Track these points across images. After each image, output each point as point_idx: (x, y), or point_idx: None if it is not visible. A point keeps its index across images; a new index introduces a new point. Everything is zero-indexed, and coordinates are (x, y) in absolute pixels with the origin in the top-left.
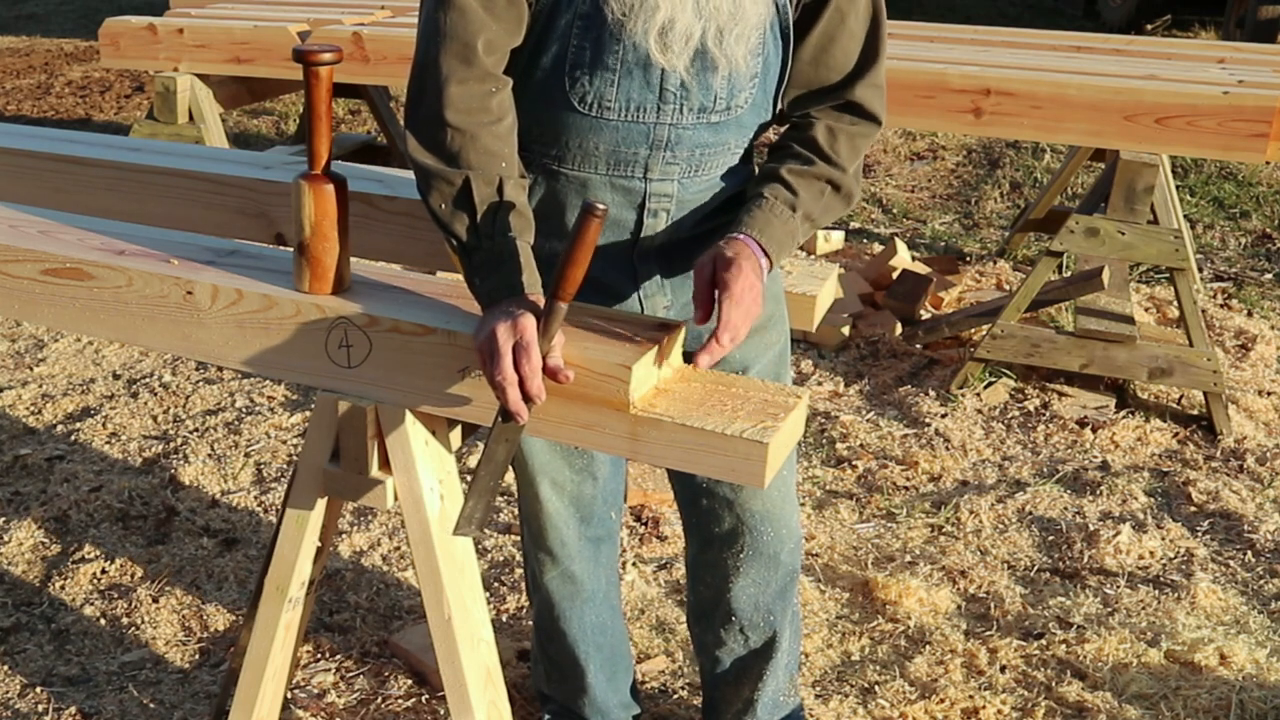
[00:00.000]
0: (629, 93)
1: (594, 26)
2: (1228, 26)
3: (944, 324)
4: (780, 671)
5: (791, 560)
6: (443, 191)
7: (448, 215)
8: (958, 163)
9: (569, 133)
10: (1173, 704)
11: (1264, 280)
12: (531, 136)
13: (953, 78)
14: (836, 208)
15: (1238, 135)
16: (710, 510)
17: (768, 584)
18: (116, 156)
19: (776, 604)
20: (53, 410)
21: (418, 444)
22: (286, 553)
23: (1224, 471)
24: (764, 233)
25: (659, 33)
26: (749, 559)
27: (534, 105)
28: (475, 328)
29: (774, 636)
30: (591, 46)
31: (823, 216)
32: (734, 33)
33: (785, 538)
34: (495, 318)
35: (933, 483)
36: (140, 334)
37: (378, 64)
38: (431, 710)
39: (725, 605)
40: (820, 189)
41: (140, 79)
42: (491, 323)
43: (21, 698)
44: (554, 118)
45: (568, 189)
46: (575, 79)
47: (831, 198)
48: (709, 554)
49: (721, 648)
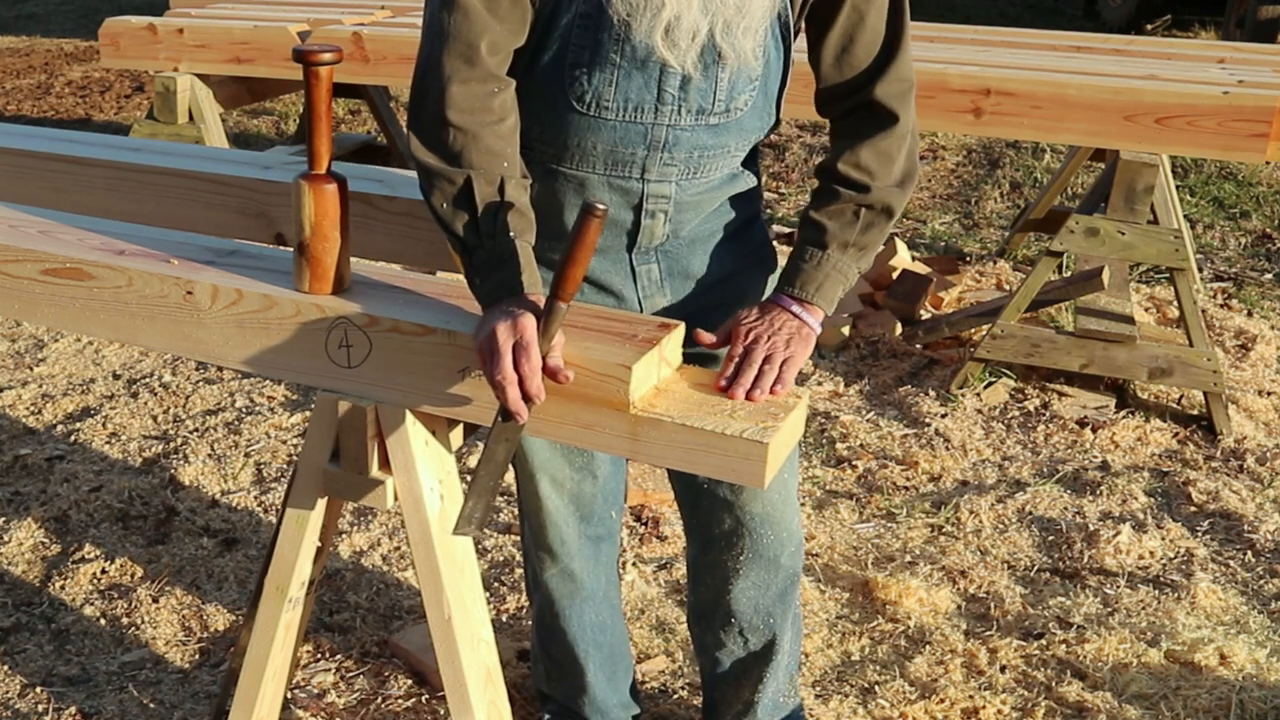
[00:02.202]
0: (627, 93)
1: (595, 26)
2: (1228, 26)
3: (944, 324)
4: (780, 673)
5: (792, 563)
6: (444, 190)
7: (449, 214)
8: (958, 163)
9: (567, 132)
10: (1173, 704)
11: (1264, 280)
12: (532, 135)
13: (953, 78)
14: (879, 222)
15: (1238, 135)
16: (710, 511)
17: (768, 587)
18: (116, 156)
19: (776, 607)
20: (53, 410)
21: (418, 444)
22: (286, 553)
23: (1224, 471)
24: (792, 281)
25: (665, 30)
26: (749, 561)
27: (534, 103)
28: (475, 327)
29: (774, 639)
30: (591, 46)
31: (864, 237)
32: (741, 26)
33: (786, 541)
34: (495, 317)
35: (933, 483)
36: (140, 334)
37: (378, 64)
38: (431, 710)
39: (725, 607)
40: (849, 216)
41: (140, 79)
42: (491, 322)
43: (21, 698)
44: (553, 117)
45: (566, 188)
46: (575, 78)
47: (867, 215)
48: (709, 555)
49: (721, 649)
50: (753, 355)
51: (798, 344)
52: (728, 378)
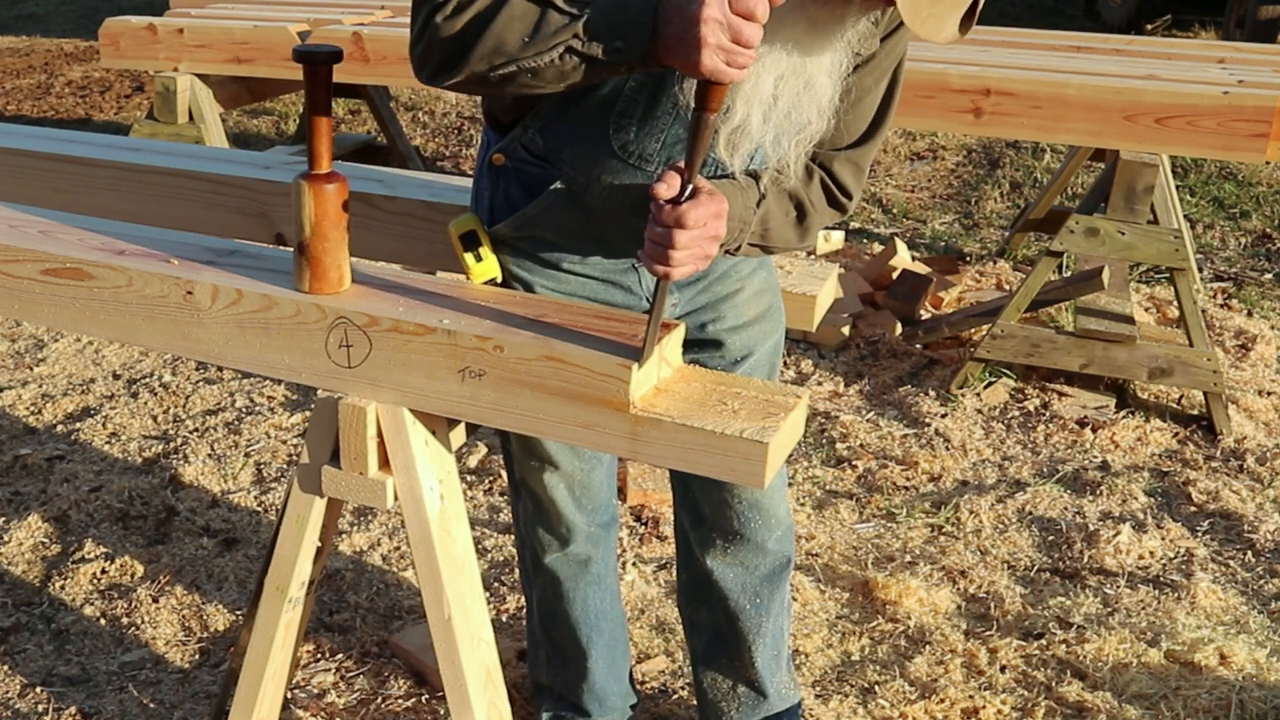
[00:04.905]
0: (672, 151)
1: (655, 88)
2: (1228, 26)
3: (944, 324)
4: (767, 657)
5: (780, 548)
6: (509, 26)
7: (537, 26)
8: (958, 163)
9: (602, 171)
10: (1173, 704)
11: (1264, 280)
12: (563, 156)
13: (953, 78)
14: (791, 236)
15: (1238, 135)
16: (701, 489)
17: (755, 568)
18: (117, 156)
19: (764, 587)
20: (53, 410)
21: (418, 444)
22: (286, 553)
23: (1224, 471)
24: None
25: (729, 134)
26: (736, 541)
27: (569, 131)
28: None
29: (760, 621)
30: (646, 101)
31: (777, 233)
32: (793, 139)
33: (773, 526)
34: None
35: (933, 483)
36: (140, 334)
37: (378, 64)
38: (431, 710)
39: (715, 583)
40: (788, 207)
41: (140, 79)
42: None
43: (21, 698)
44: (591, 155)
45: (585, 211)
46: (621, 126)
47: (795, 223)
48: (699, 531)
49: (708, 625)
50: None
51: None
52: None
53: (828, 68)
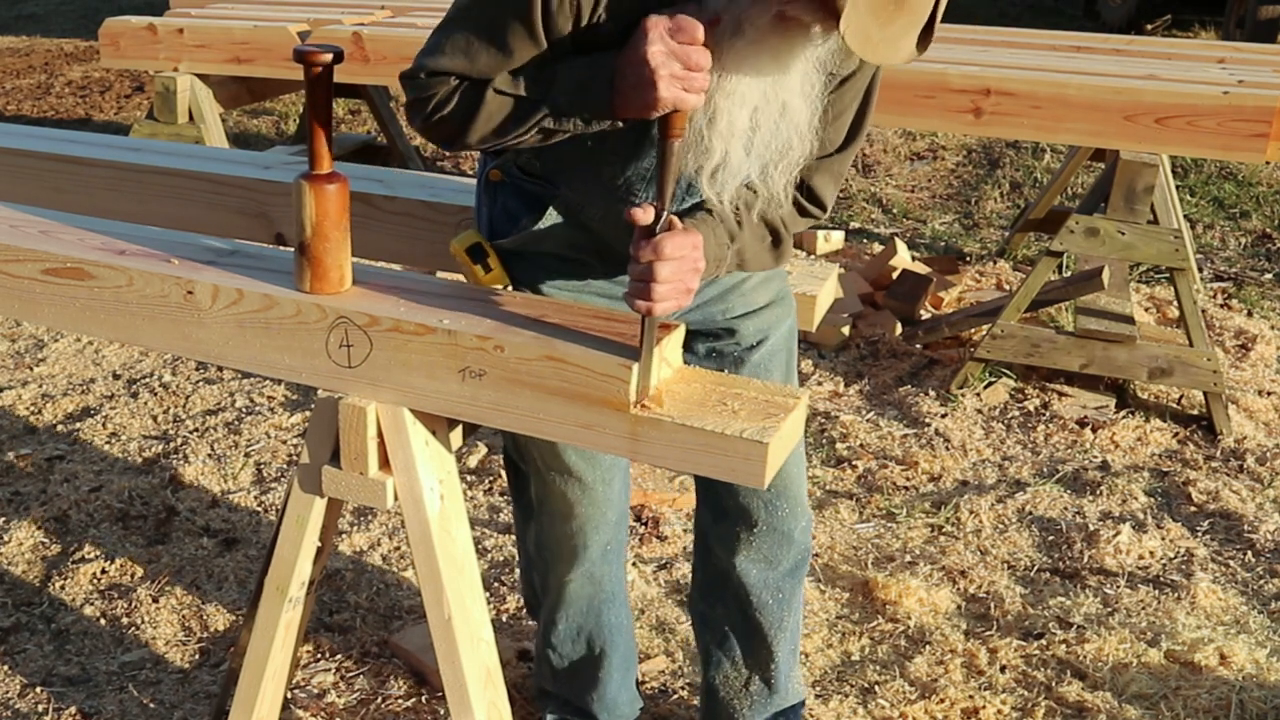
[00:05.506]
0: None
1: (640, 130)
2: (1228, 26)
3: (944, 324)
4: (787, 651)
5: (803, 539)
6: (489, 111)
7: (509, 110)
8: (958, 163)
9: (595, 198)
10: (1173, 704)
11: (1264, 280)
12: (559, 178)
13: (953, 78)
14: (768, 260)
15: (1238, 135)
16: (727, 482)
17: (779, 562)
18: (117, 156)
19: (786, 582)
20: (53, 410)
21: (418, 444)
22: (286, 553)
23: (1224, 471)
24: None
25: (711, 173)
26: (762, 534)
27: (564, 161)
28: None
29: (782, 616)
30: (633, 140)
31: (754, 261)
32: (779, 167)
33: (799, 515)
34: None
35: (933, 483)
36: (140, 334)
37: (378, 64)
38: (431, 710)
39: (735, 580)
40: (763, 234)
41: (140, 79)
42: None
43: (21, 698)
44: (584, 185)
45: (587, 230)
46: (609, 161)
47: (770, 248)
48: (721, 526)
49: (728, 624)
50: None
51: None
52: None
53: (800, 91)
